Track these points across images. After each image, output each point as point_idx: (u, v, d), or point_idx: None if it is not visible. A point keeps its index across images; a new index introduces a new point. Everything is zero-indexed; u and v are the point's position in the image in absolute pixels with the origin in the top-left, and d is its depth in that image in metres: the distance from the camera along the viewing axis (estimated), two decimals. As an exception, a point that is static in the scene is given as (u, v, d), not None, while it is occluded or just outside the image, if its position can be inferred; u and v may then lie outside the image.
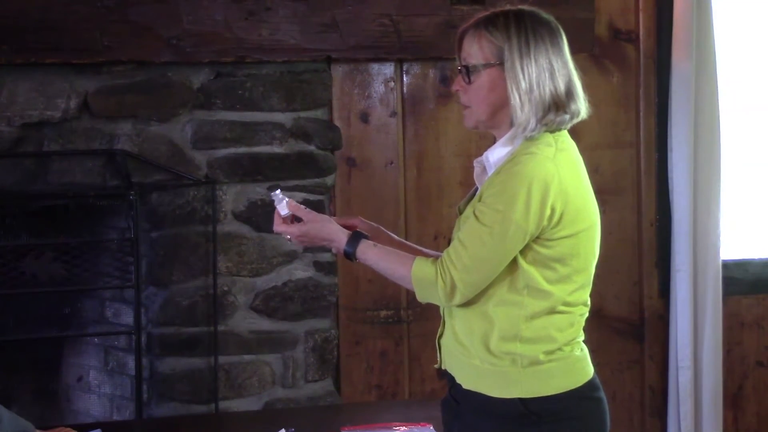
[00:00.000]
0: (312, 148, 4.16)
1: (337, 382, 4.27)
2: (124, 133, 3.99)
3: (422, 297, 2.63)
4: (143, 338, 4.05)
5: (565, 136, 2.65)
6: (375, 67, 4.26)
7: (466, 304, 2.60)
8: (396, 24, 4.11)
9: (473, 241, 2.54)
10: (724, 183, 4.54)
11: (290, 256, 4.17)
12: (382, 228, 2.85)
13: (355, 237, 2.68)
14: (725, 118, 4.55)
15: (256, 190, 4.12)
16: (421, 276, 2.59)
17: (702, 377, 4.52)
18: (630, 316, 4.56)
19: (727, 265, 4.62)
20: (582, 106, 2.65)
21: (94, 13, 3.84)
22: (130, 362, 4.10)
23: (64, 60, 3.86)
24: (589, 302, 2.69)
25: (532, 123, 2.58)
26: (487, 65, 2.61)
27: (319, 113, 4.19)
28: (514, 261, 2.56)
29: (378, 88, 4.28)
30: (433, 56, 4.22)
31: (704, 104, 4.48)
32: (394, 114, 4.29)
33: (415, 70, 4.29)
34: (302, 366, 4.18)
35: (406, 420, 3.29)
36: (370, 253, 2.67)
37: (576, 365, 2.63)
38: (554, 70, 2.59)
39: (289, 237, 2.73)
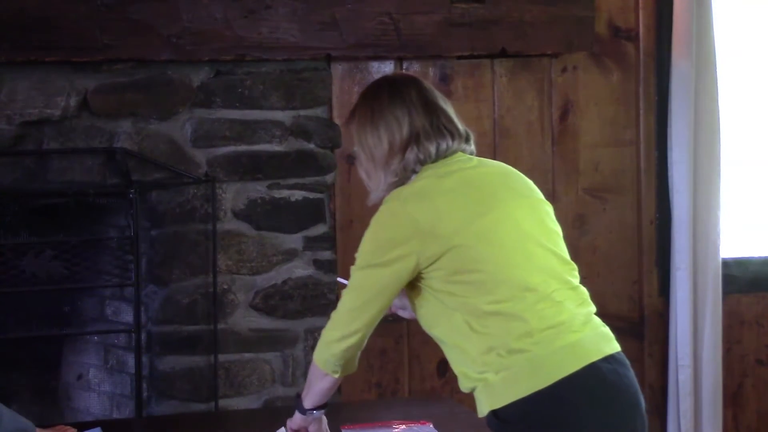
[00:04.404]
0: (312, 146, 4.16)
1: (337, 380, 4.27)
2: (123, 131, 3.99)
3: (320, 357, 2.80)
4: (143, 336, 4.05)
5: (453, 160, 2.69)
6: (375, 65, 4.26)
7: (433, 338, 2.68)
8: (396, 22, 4.11)
9: (342, 301, 2.73)
10: (724, 181, 4.54)
11: (290, 255, 4.17)
12: None
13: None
14: (725, 117, 4.55)
15: (255, 188, 4.12)
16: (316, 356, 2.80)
17: (702, 375, 4.52)
18: (630, 314, 4.56)
19: (727, 264, 4.62)
20: (448, 137, 2.70)
21: (93, 11, 3.83)
22: (130, 360, 4.10)
23: (64, 58, 3.86)
24: (537, 285, 2.55)
25: (383, 185, 2.69)
26: (354, 151, 2.78)
27: (319, 111, 4.18)
28: (430, 293, 2.63)
29: (378, 86, 4.27)
30: (432, 54, 4.22)
31: (704, 103, 4.48)
32: (393, 112, 4.28)
33: (415, 69, 4.29)
34: (302, 364, 4.18)
35: (406, 418, 3.28)
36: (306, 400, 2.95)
37: (544, 363, 2.51)
38: (393, 120, 2.68)
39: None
